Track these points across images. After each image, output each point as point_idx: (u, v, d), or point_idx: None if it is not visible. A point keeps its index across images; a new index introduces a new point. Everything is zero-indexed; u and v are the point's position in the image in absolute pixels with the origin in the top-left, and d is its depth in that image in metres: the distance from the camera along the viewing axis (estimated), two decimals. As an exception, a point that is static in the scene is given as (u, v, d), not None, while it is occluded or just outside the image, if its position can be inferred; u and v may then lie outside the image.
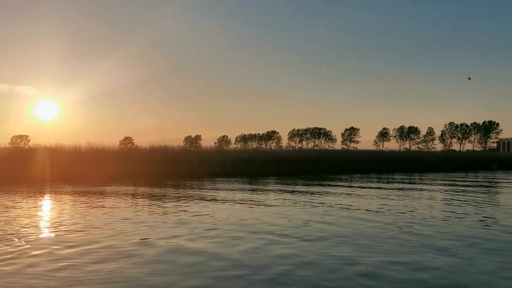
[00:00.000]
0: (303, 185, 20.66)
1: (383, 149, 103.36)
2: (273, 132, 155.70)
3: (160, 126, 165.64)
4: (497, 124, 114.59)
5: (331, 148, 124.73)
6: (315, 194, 16.02)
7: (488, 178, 28.30)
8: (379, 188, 19.08)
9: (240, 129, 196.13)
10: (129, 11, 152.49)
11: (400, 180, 24.92)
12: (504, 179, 28.07)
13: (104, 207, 12.24)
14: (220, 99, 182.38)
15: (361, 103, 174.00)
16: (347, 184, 21.50)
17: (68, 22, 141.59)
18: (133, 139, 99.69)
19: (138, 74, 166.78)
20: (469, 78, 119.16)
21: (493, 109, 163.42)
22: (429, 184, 21.90)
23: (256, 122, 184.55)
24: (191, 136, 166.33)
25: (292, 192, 17.09)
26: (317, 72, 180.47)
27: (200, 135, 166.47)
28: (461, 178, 28.09)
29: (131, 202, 13.43)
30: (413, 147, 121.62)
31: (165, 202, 13.22)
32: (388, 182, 22.99)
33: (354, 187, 19.60)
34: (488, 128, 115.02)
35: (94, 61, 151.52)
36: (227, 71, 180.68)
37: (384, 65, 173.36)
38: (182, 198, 14.32)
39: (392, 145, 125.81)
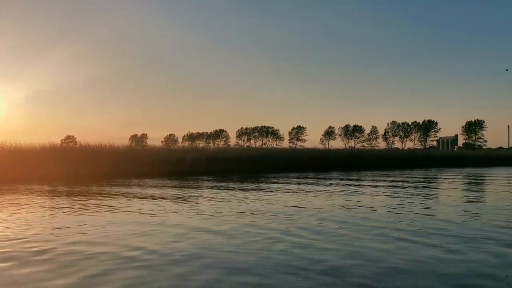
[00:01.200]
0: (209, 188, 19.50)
1: (329, 147, 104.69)
2: (221, 130, 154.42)
3: (106, 125, 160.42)
4: (436, 123, 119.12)
5: (278, 146, 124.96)
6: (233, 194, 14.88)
7: (423, 175, 28.41)
8: (297, 185, 18.27)
9: (188, 127, 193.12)
10: (76, 10, 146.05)
11: (323, 178, 24.37)
12: (435, 176, 28.24)
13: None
14: (167, 97, 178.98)
15: (308, 102, 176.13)
16: (273, 183, 20.55)
17: (13, 17, 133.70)
18: (75, 138, 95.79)
19: (84, 73, 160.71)
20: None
21: (432, 108, 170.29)
22: (365, 182, 21.39)
23: (204, 121, 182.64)
24: (137, 135, 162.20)
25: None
26: (266, 72, 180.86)
27: (146, 134, 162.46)
28: (398, 175, 28.01)
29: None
30: (358, 145, 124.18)
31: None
32: (319, 180, 22.31)
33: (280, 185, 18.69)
34: (427, 127, 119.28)
35: (39, 58, 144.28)
36: (175, 70, 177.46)
37: (331, 66, 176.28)
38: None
39: (337, 143, 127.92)
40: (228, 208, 11.13)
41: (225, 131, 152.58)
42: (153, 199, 13.54)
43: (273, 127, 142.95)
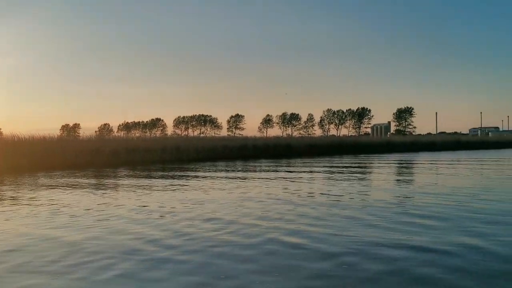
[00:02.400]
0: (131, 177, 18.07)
1: (267, 135, 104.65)
2: (158, 119, 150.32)
3: (35, 115, 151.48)
4: (369, 111, 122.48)
5: (217, 135, 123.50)
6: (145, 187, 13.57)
7: (350, 162, 28.41)
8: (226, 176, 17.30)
9: (123, 116, 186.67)
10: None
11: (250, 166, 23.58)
12: (363, 162, 28.33)
13: None
14: (101, 85, 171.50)
15: (246, 90, 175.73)
16: (192, 174, 19.39)
17: None
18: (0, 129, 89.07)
19: (13, 61, 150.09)
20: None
21: (366, 96, 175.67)
22: (295, 168, 20.74)
23: (140, 110, 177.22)
24: (68, 125, 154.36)
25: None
26: (202, 59, 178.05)
27: (79, 124, 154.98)
28: (326, 162, 27.84)
29: None
30: (295, 133, 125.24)
31: None
32: (243, 169, 21.42)
33: (204, 177, 17.55)
34: (361, 114, 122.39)
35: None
36: (109, 57, 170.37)
37: (268, 55, 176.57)
38: None
39: (275, 131, 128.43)
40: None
41: (162, 120, 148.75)
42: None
43: (211, 116, 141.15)
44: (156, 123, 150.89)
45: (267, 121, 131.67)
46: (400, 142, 51.99)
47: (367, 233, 6.76)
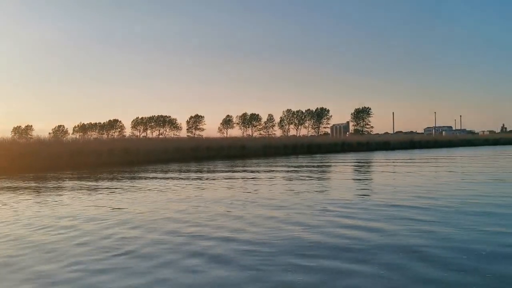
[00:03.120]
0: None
1: (227, 135, 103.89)
2: (115, 120, 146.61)
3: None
4: (328, 111, 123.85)
5: (176, 136, 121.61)
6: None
7: (306, 162, 28.16)
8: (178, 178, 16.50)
9: (79, 117, 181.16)
10: None
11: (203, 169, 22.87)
12: (319, 161, 28.14)
13: None
14: (56, 85, 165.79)
15: (206, 91, 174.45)
16: (147, 176, 18.46)
17: None
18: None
19: None
20: None
21: (324, 96, 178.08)
22: (250, 168, 20.12)
23: (97, 111, 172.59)
24: (20, 126, 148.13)
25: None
26: (161, 59, 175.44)
27: (31, 126, 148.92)
28: (279, 162, 27.45)
29: None
30: (255, 133, 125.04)
31: None
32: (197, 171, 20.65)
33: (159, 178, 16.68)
34: (320, 114, 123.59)
35: None
36: (64, 56, 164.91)
37: (228, 55, 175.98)
38: None
39: (236, 131, 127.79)
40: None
41: (120, 121, 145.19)
42: None
43: (170, 116, 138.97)
44: (114, 124, 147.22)
45: (227, 122, 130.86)
46: (355, 142, 52.49)
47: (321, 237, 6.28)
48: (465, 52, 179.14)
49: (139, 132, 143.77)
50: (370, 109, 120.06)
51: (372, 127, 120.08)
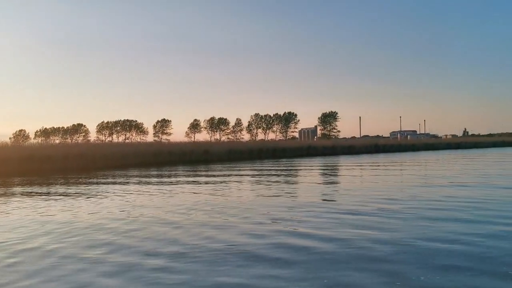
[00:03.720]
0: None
1: (195, 140, 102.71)
2: (80, 125, 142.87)
3: None
4: (296, 115, 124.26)
5: (143, 140, 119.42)
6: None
7: (272, 165, 27.63)
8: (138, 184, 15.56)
9: (41, 122, 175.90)
10: None
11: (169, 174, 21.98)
12: (285, 166, 27.64)
13: None
14: (17, 88, 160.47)
15: (173, 94, 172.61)
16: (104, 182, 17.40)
17: None
18: None
19: None
20: None
21: (293, 100, 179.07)
22: (212, 174, 19.33)
23: (60, 115, 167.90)
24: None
25: None
26: (130, 64, 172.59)
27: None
28: (243, 167, 26.82)
29: None
30: (223, 138, 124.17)
31: None
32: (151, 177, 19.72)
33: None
34: (288, 118, 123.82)
35: None
36: (27, 58, 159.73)
37: (195, 59, 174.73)
38: None
39: (203, 136, 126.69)
40: None
41: (84, 126, 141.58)
42: None
43: (136, 121, 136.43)
44: (78, 128, 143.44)
45: (194, 126, 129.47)
46: (321, 146, 52.45)
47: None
48: (429, 58, 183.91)
49: (105, 136, 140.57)
50: (336, 113, 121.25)
51: (339, 131, 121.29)
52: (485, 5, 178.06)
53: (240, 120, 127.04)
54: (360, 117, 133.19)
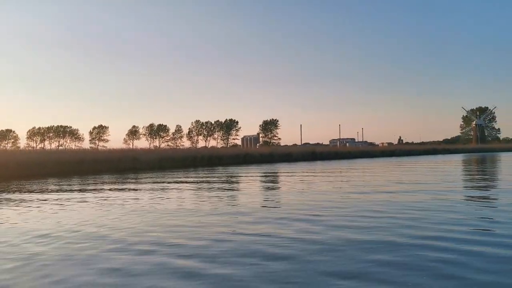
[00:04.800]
0: None
1: (134, 147, 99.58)
2: (8, 130, 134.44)
3: None
4: (237, 122, 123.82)
5: (78, 147, 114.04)
6: None
7: (204, 174, 26.23)
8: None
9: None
10: None
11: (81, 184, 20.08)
12: (221, 174, 26.39)
13: None
14: None
15: (110, 100, 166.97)
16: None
17: None
18: None
19: None
20: None
21: (234, 107, 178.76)
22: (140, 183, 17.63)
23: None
24: None
25: None
26: (64, 66, 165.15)
27: None
28: (170, 176, 25.26)
29: None
30: (163, 145, 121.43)
31: None
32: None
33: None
34: (229, 125, 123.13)
35: None
36: None
37: (133, 63, 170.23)
38: None
39: (142, 143, 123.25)
40: None
41: (13, 131, 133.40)
42: None
43: (71, 127, 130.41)
44: (6, 134, 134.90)
45: (133, 133, 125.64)
46: (258, 154, 51.81)
47: None
48: (367, 68, 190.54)
49: (36, 143, 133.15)
50: (277, 121, 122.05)
51: (279, 138, 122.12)
52: (414, 20, 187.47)
53: (180, 127, 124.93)
54: (301, 125, 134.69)
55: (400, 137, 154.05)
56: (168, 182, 21.42)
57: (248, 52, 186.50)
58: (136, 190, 17.34)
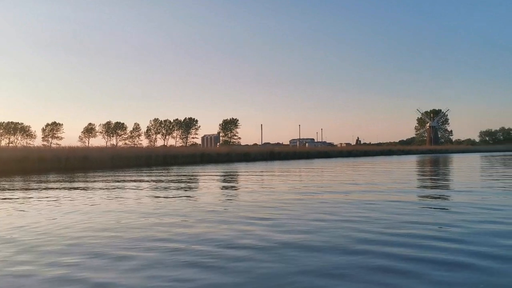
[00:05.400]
0: None
1: (89, 145, 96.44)
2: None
3: None
4: (196, 121, 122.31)
5: (30, 145, 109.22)
6: None
7: (155, 173, 25.18)
8: None
9: None
10: None
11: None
12: (173, 173, 25.40)
13: None
14: None
15: (66, 97, 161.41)
16: None
17: None
18: None
19: None
20: None
21: (194, 106, 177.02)
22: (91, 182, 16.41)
23: None
24: None
25: None
26: (15, 61, 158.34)
27: None
28: (121, 175, 24.10)
29: None
30: (120, 143, 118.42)
31: None
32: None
33: None
34: (189, 124, 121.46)
35: None
36: None
37: (89, 57, 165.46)
38: None
39: (99, 141, 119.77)
40: None
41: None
42: None
43: (22, 123, 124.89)
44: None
45: (89, 130, 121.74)
46: (215, 153, 51.00)
47: None
48: (326, 70, 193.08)
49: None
50: (238, 120, 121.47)
51: (239, 138, 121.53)
52: (370, 22, 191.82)
53: (138, 125, 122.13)
54: (261, 124, 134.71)
55: (358, 137, 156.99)
56: (115, 182, 20.38)
57: (209, 51, 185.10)
58: (72, 190, 16.26)
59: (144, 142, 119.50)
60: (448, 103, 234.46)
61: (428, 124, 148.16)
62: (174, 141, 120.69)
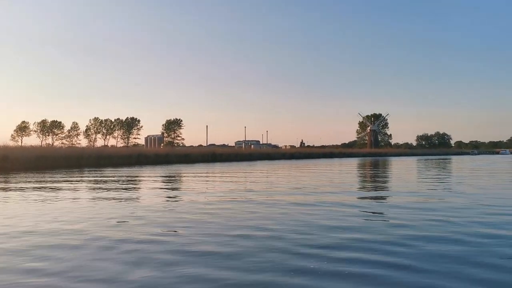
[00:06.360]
0: None
1: (23, 144, 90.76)
2: None
3: None
4: (139, 121, 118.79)
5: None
6: None
7: (85, 175, 23.28)
8: None
9: None
10: None
11: None
12: (107, 175, 23.59)
13: None
14: None
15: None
16: None
17: None
18: None
19: None
20: None
21: (136, 106, 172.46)
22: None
23: None
24: None
25: None
26: None
27: None
28: (46, 177, 22.09)
29: None
30: (57, 142, 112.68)
31: None
32: None
33: None
34: (131, 124, 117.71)
35: None
36: None
37: (20, 51, 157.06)
38: None
39: (33, 140, 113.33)
40: None
41: None
42: None
43: None
44: None
45: (22, 129, 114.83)
46: (153, 155, 49.09)
47: None
48: (272, 72, 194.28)
49: None
50: (181, 120, 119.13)
51: (183, 139, 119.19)
52: (314, 28, 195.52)
53: (77, 124, 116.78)
54: (207, 125, 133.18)
55: (302, 140, 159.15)
56: (34, 182, 18.52)
57: (154, 49, 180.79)
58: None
59: (83, 142, 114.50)
60: (388, 107, 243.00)
61: (369, 128, 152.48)
62: (115, 141, 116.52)
